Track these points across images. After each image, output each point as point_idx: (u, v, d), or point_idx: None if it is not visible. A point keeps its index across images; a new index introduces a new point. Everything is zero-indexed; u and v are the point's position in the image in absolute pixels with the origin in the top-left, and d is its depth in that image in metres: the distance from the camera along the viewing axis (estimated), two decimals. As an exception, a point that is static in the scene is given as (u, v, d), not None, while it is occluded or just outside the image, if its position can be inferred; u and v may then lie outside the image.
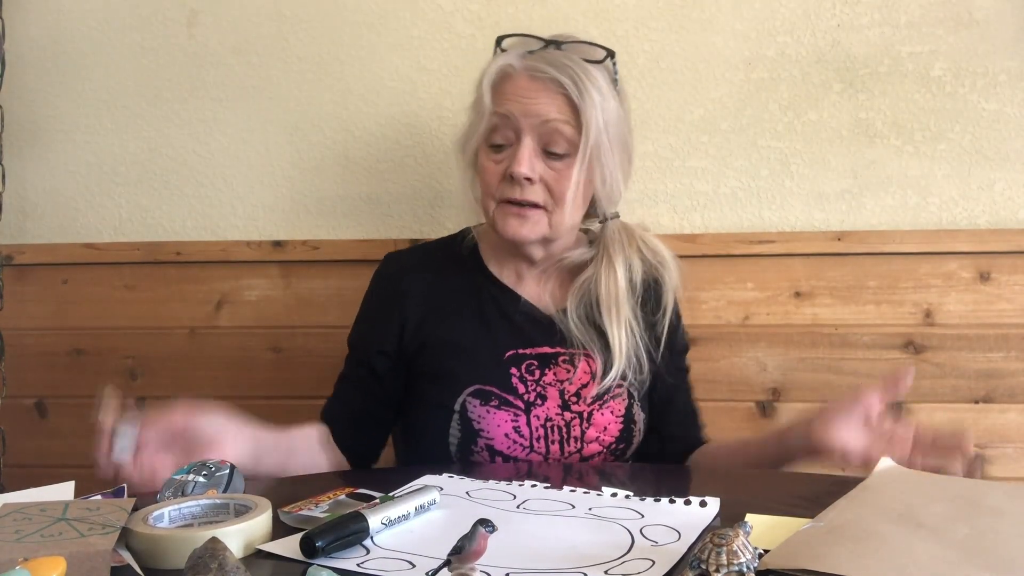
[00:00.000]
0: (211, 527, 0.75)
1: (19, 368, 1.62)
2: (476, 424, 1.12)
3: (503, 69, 1.13)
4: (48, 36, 1.60)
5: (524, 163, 1.10)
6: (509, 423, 1.12)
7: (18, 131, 1.61)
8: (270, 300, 1.59)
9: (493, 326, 1.18)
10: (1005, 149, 1.47)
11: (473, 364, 1.15)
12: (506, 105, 1.11)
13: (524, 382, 1.15)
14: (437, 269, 1.23)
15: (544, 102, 1.09)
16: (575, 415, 1.15)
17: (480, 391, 1.14)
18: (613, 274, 1.18)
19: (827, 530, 0.75)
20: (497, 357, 1.16)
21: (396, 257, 1.27)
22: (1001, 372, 1.48)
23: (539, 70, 1.10)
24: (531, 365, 1.16)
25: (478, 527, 0.69)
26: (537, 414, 1.13)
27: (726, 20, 1.50)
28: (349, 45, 1.55)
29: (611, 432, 1.16)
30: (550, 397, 1.15)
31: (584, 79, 1.09)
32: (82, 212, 1.62)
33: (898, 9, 1.47)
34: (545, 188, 1.12)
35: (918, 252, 1.48)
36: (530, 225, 1.13)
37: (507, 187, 1.12)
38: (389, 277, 1.23)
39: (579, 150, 1.10)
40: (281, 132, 1.58)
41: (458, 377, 1.15)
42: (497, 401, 1.13)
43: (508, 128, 1.12)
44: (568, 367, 1.16)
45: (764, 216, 1.52)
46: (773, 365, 1.52)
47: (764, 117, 1.50)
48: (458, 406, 1.13)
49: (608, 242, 1.20)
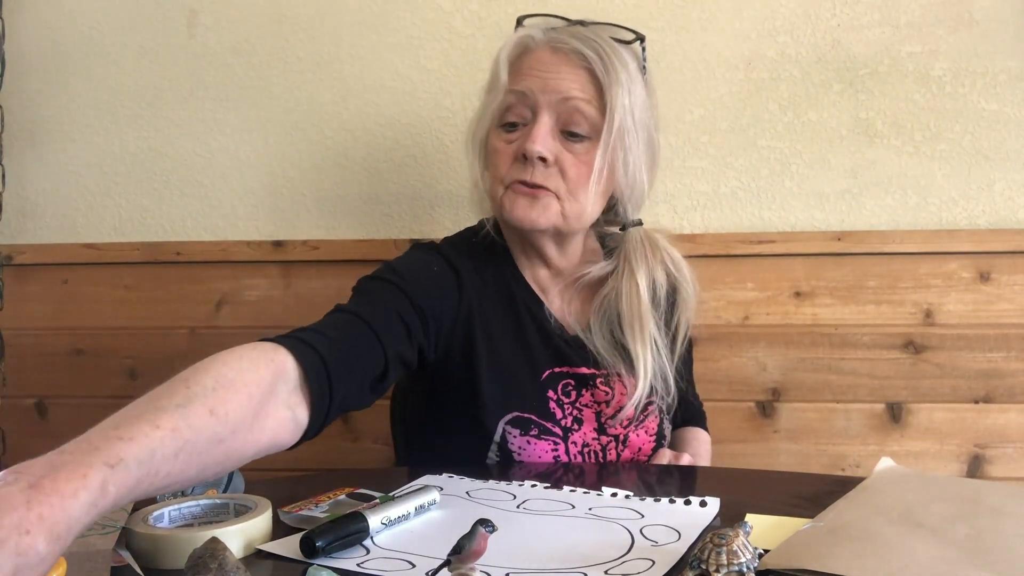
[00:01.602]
0: (211, 527, 0.74)
1: (19, 368, 1.62)
2: (516, 455, 1.05)
3: (522, 41, 1.05)
4: (48, 36, 1.60)
5: (539, 140, 1.00)
6: (549, 453, 1.06)
7: (18, 131, 1.61)
8: (270, 300, 1.59)
9: (530, 341, 1.09)
10: (1005, 149, 1.47)
11: (513, 388, 1.06)
12: (524, 81, 1.02)
13: (561, 406, 1.08)
14: (478, 266, 1.11)
15: (566, 77, 1.01)
16: (611, 438, 1.09)
17: (519, 419, 1.05)
18: (635, 287, 1.08)
19: (827, 530, 0.75)
20: (536, 379, 1.08)
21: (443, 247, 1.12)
22: (1001, 372, 1.48)
23: (562, 41, 1.02)
24: (567, 386, 1.08)
25: (478, 527, 0.69)
26: (575, 440, 1.07)
27: (726, 20, 1.50)
28: (349, 45, 1.55)
29: (644, 452, 1.12)
30: (586, 420, 1.08)
31: (611, 55, 1.01)
32: (82, 212, 1.62)
33: (898, 9, 1.47)
34: (560, 172, 1.02)
35: (918, 252, 1.48)
36: (540, 209, 1.03)
37: (519, 168, 1.03)
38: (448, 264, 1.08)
39: (602, 133, 1.01)
40: (281, 132, 1.58)
41: (498, 402, 1.05)
42: (536, 430, 1.05)
43: (524, 106, 1.03)
44: (607, 389, 1.09)
45: (764, 216, 1.52)
46: (773, 365, 1.52)
47: (764, 117, 1.50)
48: (497, 436, 1.05)
49: (629, 252, 1.10)
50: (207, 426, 0.68)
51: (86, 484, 0.55)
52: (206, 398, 0.69)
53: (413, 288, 1.01)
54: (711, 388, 1.51)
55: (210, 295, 1.60)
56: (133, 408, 0.66)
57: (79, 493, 0.54)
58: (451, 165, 1.56)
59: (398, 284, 1.01)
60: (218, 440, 0.69)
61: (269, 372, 0.77)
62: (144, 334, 1.61)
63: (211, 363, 0.74)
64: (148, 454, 0.61)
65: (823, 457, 1.52)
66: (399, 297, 0.99)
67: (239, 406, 0.71)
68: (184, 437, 0.65)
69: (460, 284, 1.07)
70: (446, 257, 1.09)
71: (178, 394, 0.68)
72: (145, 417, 0.63)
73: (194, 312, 1.60)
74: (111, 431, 0.61)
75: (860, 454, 1.51)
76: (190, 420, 0.66)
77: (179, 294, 1.60)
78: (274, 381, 0.78)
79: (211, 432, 0.68)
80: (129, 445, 0.60)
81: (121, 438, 0.60)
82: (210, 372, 0.72)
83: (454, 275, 1.07)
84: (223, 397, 0.70)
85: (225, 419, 0.69)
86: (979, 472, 1.49)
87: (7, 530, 0.50)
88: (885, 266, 1.49)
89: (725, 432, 1.52)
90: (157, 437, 0.62)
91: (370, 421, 1.56)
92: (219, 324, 1.59)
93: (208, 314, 1.60)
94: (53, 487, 0.53)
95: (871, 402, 1.51)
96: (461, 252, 1.11)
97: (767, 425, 1.53)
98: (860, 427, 1.51)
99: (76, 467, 0.56)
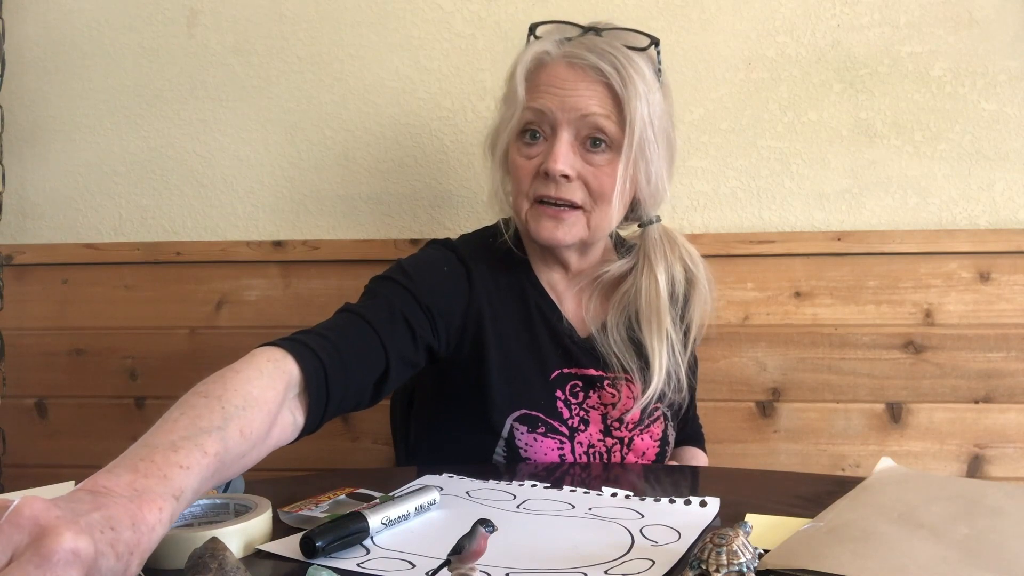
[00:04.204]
0: (211, 527, 0.74)
1: (19, 368, 1.62)
2: (523, 452, 1.06)
3: (538, 57, 1.04)
4: (48, 36, 1.60)
5: (560, 159, 1.01)
6: (555, 451, 1.07)
7: (18, 131, 1.61)
8: (270, 300, 1.59)
9: (540, 342, 1.10)
10: (1005, 149, 1.47)
11: (522, 386, 1.08)
12: (541, 100, 1.02)
13: (568, 406, 1.09)
14: (492, 266, 1.12)
15: (584, 94, 1.01)
16: (616, 440, 1.10)
17: (526, 416, 1.07)
18: (654, 283, 1.09)
19: (827, 530, 0.75)
20: (544, 378, 1.09)
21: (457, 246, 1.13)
22: (1001, 372, 1.48)
23: (578, 56, 1.01)
24: (575, 387, 1.10)
25: (478, 527, 0.69)
26: (580, 440, 1.08)
27: (726, 20, 1.50)
28: (349, 45, 1.55)
29: (649, 456, 1.13)
30: (592, 422, 1.10)
31: (628, 67, 1.00)
32: (82, 212, 1.62)
33: (898, 9, 1.47)
34: (584, 186, 1.03)
35: (918, 252, 1.48)
36: (566, 228, 1.05)
37: (541, 184, 1.04)
38: (460, 263, 1.09)
39: (623, 147, 1.01)
40: (281, 132, 1.58)
41: (506, 399, 1.07)
42: (544, 428, 1.07)
43: (544, 123, 1.04)
44: (613, 391, 1.10)
45: (764, 216, 1.52)
46: (773, 365, 1.52)
47: (764, 117, 1.50)
48: (505, 432, 1.07)
49: (649, 248, 1.11)
50: (237, 446, 0.71)
51: (161, 519, 0.58)
52: (238, 419, 0.71)
53: (419, 287, 1.02)
54: (711, 388, 1.51)
55: (210, 295, 1.60)
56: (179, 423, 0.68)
57: (156, 528, 0.58)
58: (451, 165, 1.56)
59: (404, 284, 1.02)
60: (241, 456, 0.72)
61: (283, 385, 0.80)
62: (144, 334, 1.61)
63: (235, 377, 0.76)
64: (200, 483, 0.65)
65: (823, 457, 1.52)
66: (405, 297, 1.01)
67: (260, 424, 0.75)
68: (221, 460, 0.68)
69: (471, 282, 1.08)
70: (460, 255, 1.10)
71: (216, 415, 0.70)
72: (194, 440, 0.66)
73: (194, 312, 1.60)
74: (171, 454, 0.63)
75: (860, 454, 1.51)
76: (227, 444, 0.69)
77: (179, 294, 1.60)
78: (285, 393, 0.81)
79: (239, 451, 0.71)
80: (188, 475, 0.63)
81: (181, 466, 0.63)
82: (239, 391, 0.74)
83: (465, 273, 1.08)
84: (250, 417, 0.73)
85: (250, 437, 0.73)
86: (979, 472, 1.49)
87: (123, 547, 0.54)
88: (885, 266, 1.49)
89: (725, 432, 1.52)
90: (205, 464, 0.65)
91: (370, 421, 1.56)
92: (219, 324, 1.59)
93: (208, 314, 1.60)
94: (142, 517, 0.57)
95: (871, 402, 1.51)
96: (476, 252, 1.12)
97: (767, 425, 1.53)
98: (860, 427, 1.51)
99: (155, 499, 0.58)
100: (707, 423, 1.37)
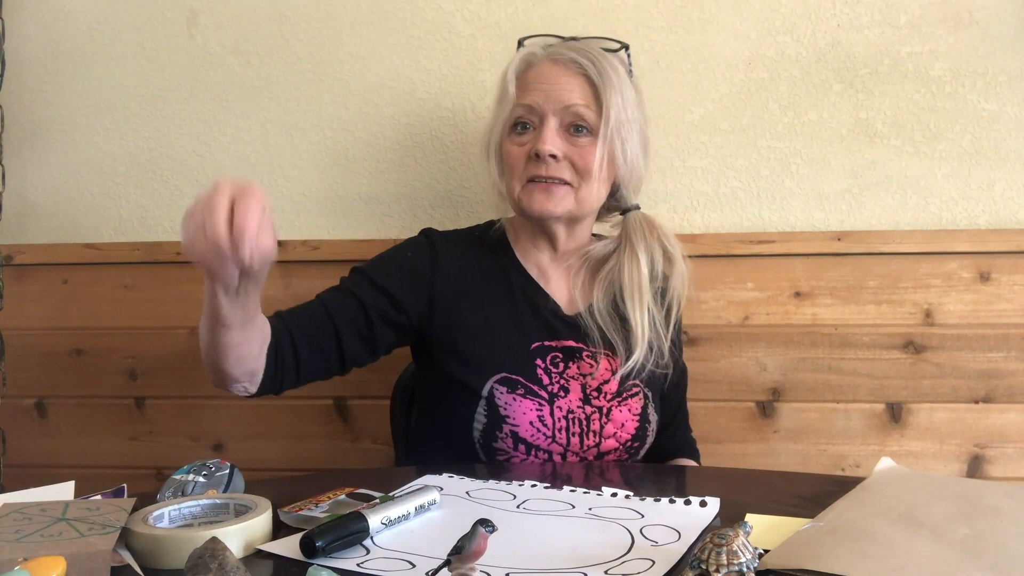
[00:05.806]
0: (211, 527, 0.75)
1: (19, 368, 1.62)
2: (503, 411, 1.14)
3: (526, 58, 1.20)
4: (48, 36, 1.60)
5: (548, 141, 1.15)
6: (534, 412, 1.14)
7: (18, 131, 1.61)
8: (270, 300, 1.57)
9: (521, 316, 1.21)
10: (1005, 149, 1.47)
11: (502, 352, 1.17)
12: (530, 96, 1.17)
13: (548, 374, 1.17)
14: (471, 251, 1.25)
15: (566, 87, 1.16)
16: (595, 409, 1.17)
17: (507, 379, 1.15)
18: (636, 262, 1.21)
19: (827, 530, 0.75)
20: (524, 348, 1.18)
21: (433, 232, 1.27)
22: (1001, 372, 1.48)
23: (560, 54, 1.18)
24: (556, 358, 1.19)
25: (478, 527, 0.69)
26: (560, 405, 1.15)
27: (726, 20, 1.50)
28: (349, 45, 1.55)
29: (628, 429, 1.17)
30: (572, 390, 1.17)
31: (603, 62, 1.16)
32: (82, 212, 1.62)
33: (898, 9, 1.47)
34: (570, 165, 1.17)
35: (918, 252, 1.48)
36: (556, 199, 1.17)
37: (533, 166, 1.17)
38: (428, 246, 1.24)
39: (600, 128, 1.16)
40: (281, 132, 1.58)
41: (486, 363, 1.16)
42: (523, 390, 1.15)
43: (533, 115, 1.18)
44: (591, 362, 1.19)
45: (764, 216, 1.52)
46: (773, 365, 1.52)
47: (764, 117, 1.50)
48: (485, 392, 1.14)
49: (630, 231, 1.23)
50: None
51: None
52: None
53: (377, 272, 1.20)
54: (711, 388, 1.51)
55: (210, 295, 1.59)
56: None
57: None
58: (451, 165, 1.56)
59: (364, 271, 1.21)
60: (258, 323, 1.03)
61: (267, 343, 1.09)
62: (144, 334, 1.61)
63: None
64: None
65: (823, 457, 1.52)
66: (358, 279, 1.19)
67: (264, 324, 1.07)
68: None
69: (435, 261, 1.22)
70: (431, 240, 1.25)
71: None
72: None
73: (194, 312, 1.58)
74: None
75: (860, 454, 1.51)
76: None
77: (179, 294, 1.60)
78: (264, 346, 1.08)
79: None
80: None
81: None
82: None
83: (430, 254, 1.23)
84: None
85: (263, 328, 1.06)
86: (979, 472, 1.49)
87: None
88: (885, 266, 1.49)
89: (725, 432, 1.52)
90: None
91: (370, 421, 1.56)
92: (219, 324, 1.59)
93: (208, 314, 1.59)
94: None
95: (871, 402, 1.51)
96: (455, 238, 1.27)
97: (767, 425, 1.53)
98: (860, 427, 1.51)
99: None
100: (707, 423, 1.37)
